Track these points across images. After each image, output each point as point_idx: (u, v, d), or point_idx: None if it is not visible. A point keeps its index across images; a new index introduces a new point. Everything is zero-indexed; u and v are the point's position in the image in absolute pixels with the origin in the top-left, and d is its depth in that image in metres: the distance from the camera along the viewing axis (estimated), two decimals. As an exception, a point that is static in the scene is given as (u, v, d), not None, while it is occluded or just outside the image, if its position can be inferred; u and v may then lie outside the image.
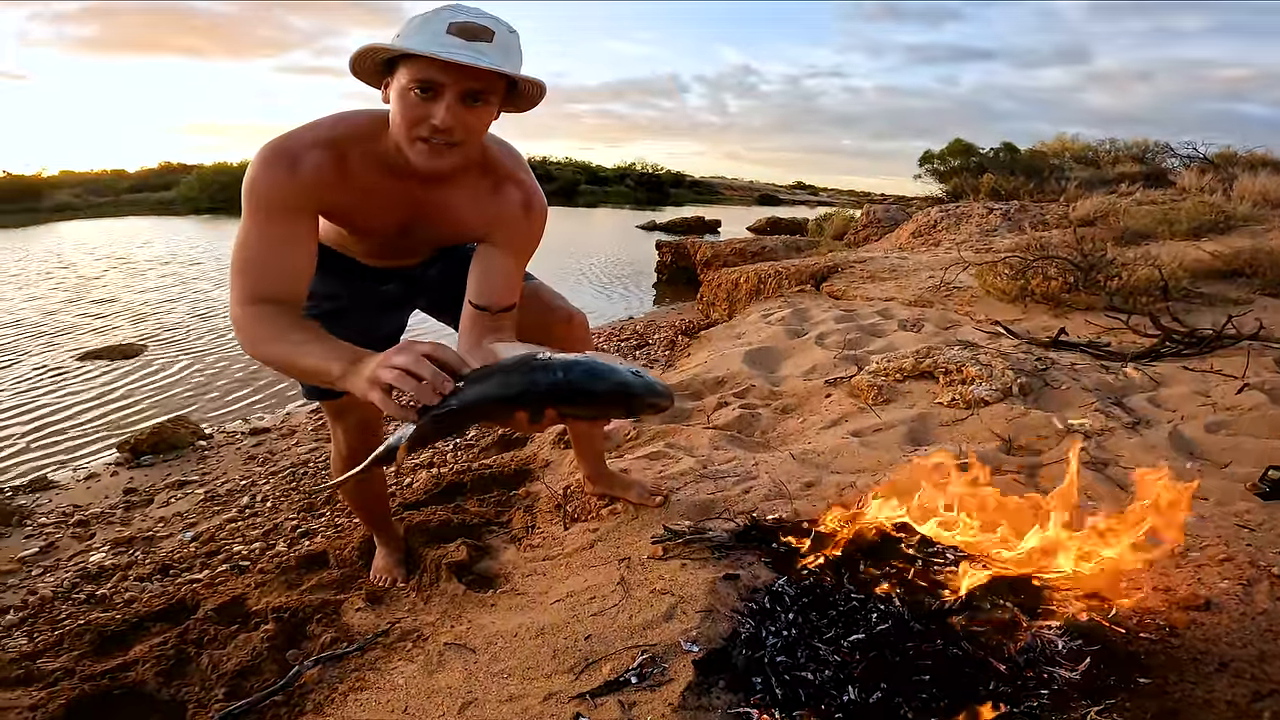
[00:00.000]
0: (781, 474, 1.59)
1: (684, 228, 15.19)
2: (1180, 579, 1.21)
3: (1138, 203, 6.33)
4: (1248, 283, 3.64)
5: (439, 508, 1.90)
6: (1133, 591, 1.16)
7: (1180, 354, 2.65)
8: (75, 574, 2.10)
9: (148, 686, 1.30)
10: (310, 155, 0.98)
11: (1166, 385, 2.26)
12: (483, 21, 0.91)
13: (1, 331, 5.37)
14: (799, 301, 3.86)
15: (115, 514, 2.58)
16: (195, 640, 1.44)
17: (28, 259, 9.67)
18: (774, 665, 0.93)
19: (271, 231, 0.97)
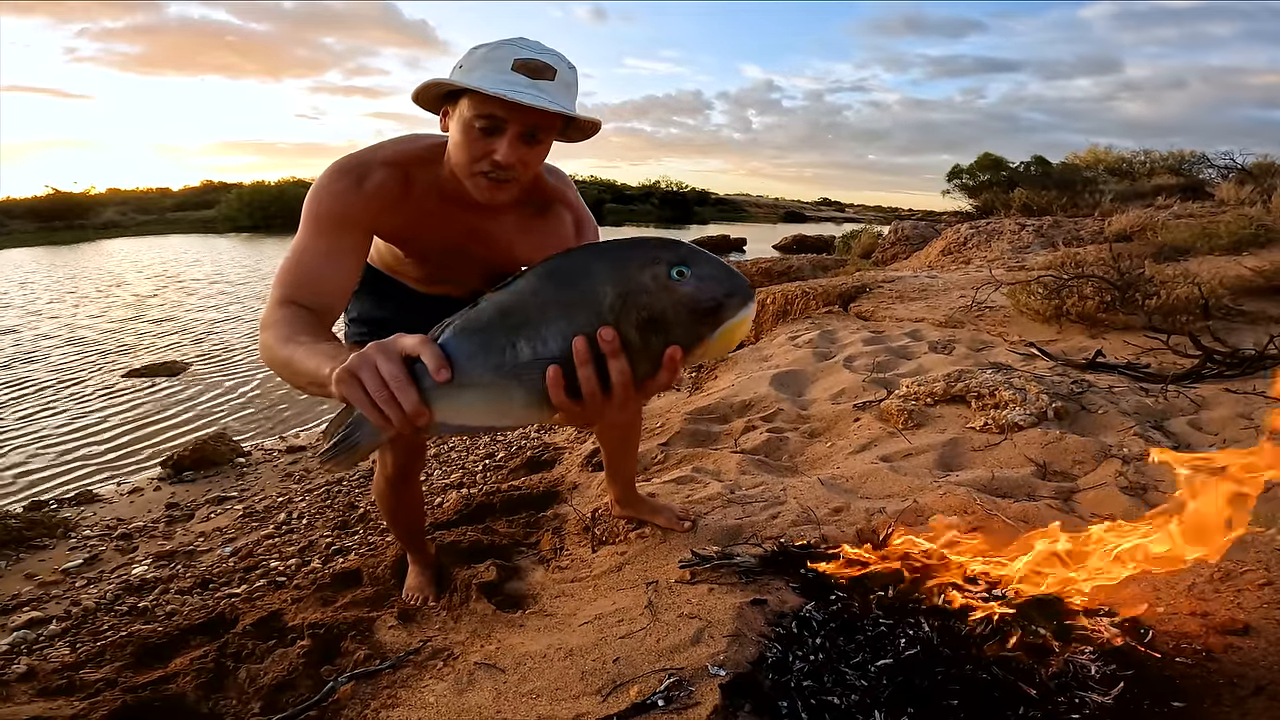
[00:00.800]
0: (810, 499, 1.59)
1: (709, 247, 15.25)
2: (1219, 604, 1.19)
3: (1175, 216, 6.18)
4: None
5: (469, 528, 1.93)
6: (1169, 616, 1.14)
7: (1222, 375, 2.57)
8: (118, 586, 2.17)
9: (188, 699, 1.33)
10: (377, 173, 1.02)
11: (1208, 408, 2.20)
12: (545, 59, 0.94)
13: (58, 349, 5.63)
14: (826, 323, 3.85)
15: (157, 528, 2.66)
16: (234, 654, 1.48)
17: (80, 276, 10.14)
18: (800, 689, 0.93)
19: (319, 243, 0.98)
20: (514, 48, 0.94)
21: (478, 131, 0.93)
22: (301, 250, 0.98)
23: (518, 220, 1.11)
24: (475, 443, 3.02)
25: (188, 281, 9.72)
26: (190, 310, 7.44)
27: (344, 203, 1.00)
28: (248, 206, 19.19)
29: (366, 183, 1.01)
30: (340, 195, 1.00)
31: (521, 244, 1.13)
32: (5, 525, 2.58)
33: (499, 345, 0.63)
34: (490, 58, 0.93)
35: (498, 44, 0.94)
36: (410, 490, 1.57)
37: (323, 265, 0.97)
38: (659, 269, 0.61)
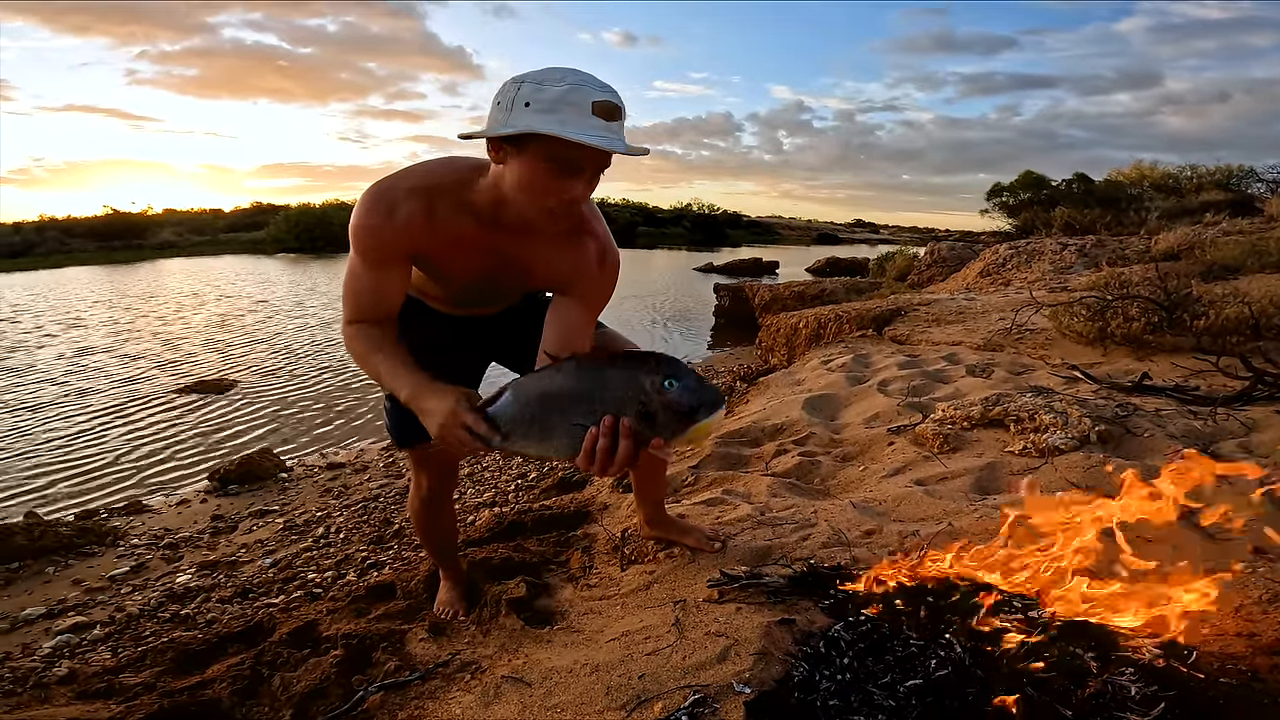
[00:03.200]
0: (841, 522, 1.57)
1: (741, 269, 15.24)
2: (1267, 624, 1.14)
3: (1224, 233, 5.96)
4: None
5: (501, 545, 1.96)
6: (1215, 637, 1.09)
7: (1273, 397, 2.46)
8: (162, 593, 2.26)
9: (223, 705, 1.37)
10: (404, 204, 1.08)
11: (1259, 430, 2.11)
12: (613, 99, 0.98)
13: (113, 365, 5.92)
14: (860, 347, 3.80)
15: (202, 539, 2.77)
16: (269, 662, 1.51)
17: (138, 295, 10.66)
18: (826, 709, 0.92)
19: (371, 274, 1.12)
20: (586, 89, 0.96)
21: (554, 171, 0.98)
22: (357, 282, 1.13)
23: (545, 246, 1.14)
24: (508, 464, 3.06)
25: (237, 301, 10.14)
26: (239, 330, 7.76)
27: (380, 239, 1.09)
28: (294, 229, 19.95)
29: (396, 215, 1.08)
30: (376, 231, 1.08)
31: (545, 269, 1.17)
32: (56, 533, 2.71)
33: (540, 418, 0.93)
34: (569, 100, 0.95)
35: (569, 87, 0.96)
36: (444, 509, 1.62)
37: (376, 294, 1.14)
38: (656, 379, 0.86)
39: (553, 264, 1.16)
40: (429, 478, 1.52)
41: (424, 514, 1.59)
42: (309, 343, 6.97)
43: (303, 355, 6.42)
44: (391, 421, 1.45)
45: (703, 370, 4.69)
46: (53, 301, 10.00)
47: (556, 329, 1.18)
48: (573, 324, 1.19)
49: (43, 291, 11.13)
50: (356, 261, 1.12)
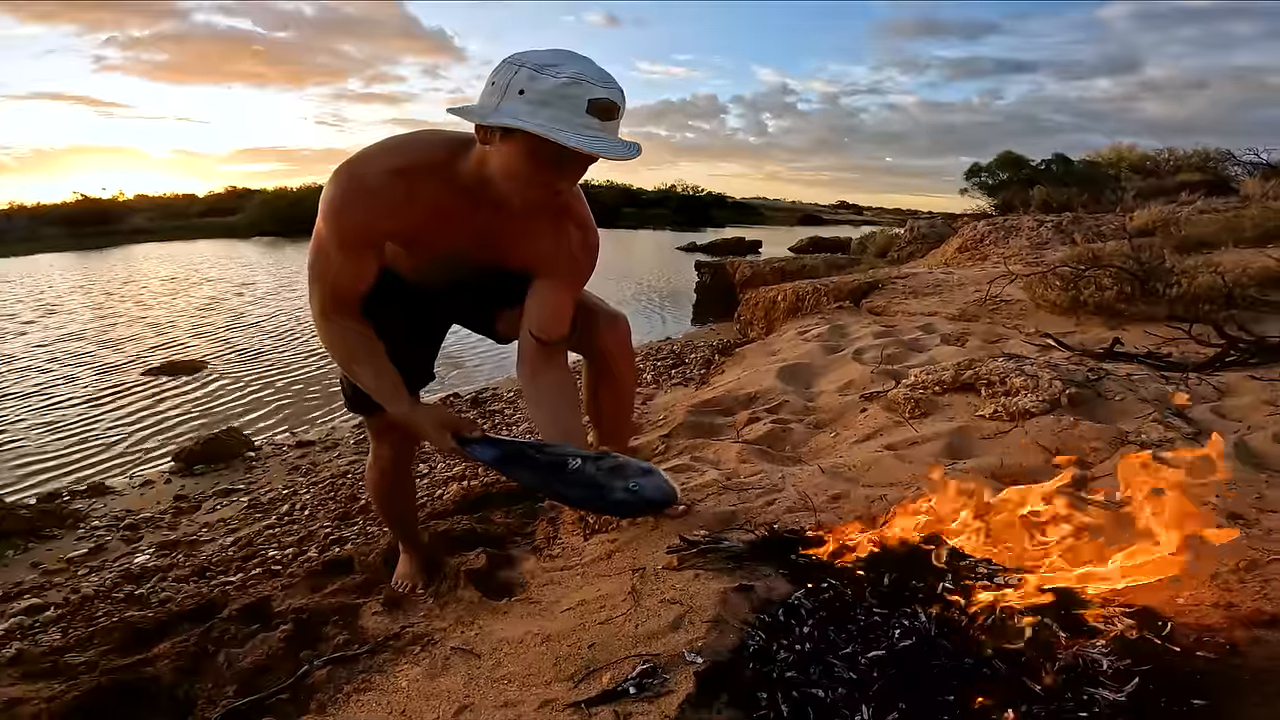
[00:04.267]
0: (809, 487, 1.51)
1: (725, 249, 15.13)
2: (1245, 594, 1.08)
3: (1199, 211, 5.96)
4: None
5: (465, 518, 1.89)
6: (1190, 607, 1.04)
7: (1246, 363, 2.44)
8: (118, 574, 2.17)
9: (163, 681, 1.31)
10: (383, 186, 1.03)
11: (1232, 395, 2.08)
12: (612, 96, 0.93)
13: (79, 348, 5.73)
14: (838, 318, 3.75)
15: (164, 519, 2.68)
16: (216, 639, 1.45)
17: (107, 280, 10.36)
18: (782, 681, 0.86)
19: (345, 258, 1.08)
20: (585, 84, 0.91)
21: (542, 164, 0.95)
22: (329, 267, 1.09)
23: (526, 227, 1.12)
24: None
25: (210, 284, 9.89)
26: (212, 312, 7.55)
27: (357, 223, 1.05)
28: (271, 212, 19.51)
29: (374, 198, 1.03)
30: (352, 215, 1.04)
31: (524, 250, 1.16)
32: (17, 516, 2.60)
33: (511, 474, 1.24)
34: (564, 95, 0.91)
35: (567, 80, 0.91)
36: (403, 481, 1.56)
37: (351, 280, 1.11)
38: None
39: (533, 246, 1.15)
40: (389, 447, 1.46)
41: (382, 485, 1.53)
42: (283, 323, 6.80)
43: (277, 335, 6.26)
44: (351, 387, 1.37)
45: (681, 345, 4.62)
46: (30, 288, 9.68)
47: (538, 310, 1.19)
48: (556, 306, 1.20)
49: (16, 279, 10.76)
50: (329, 245, 1.07)
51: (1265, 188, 6.50)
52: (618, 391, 1.44)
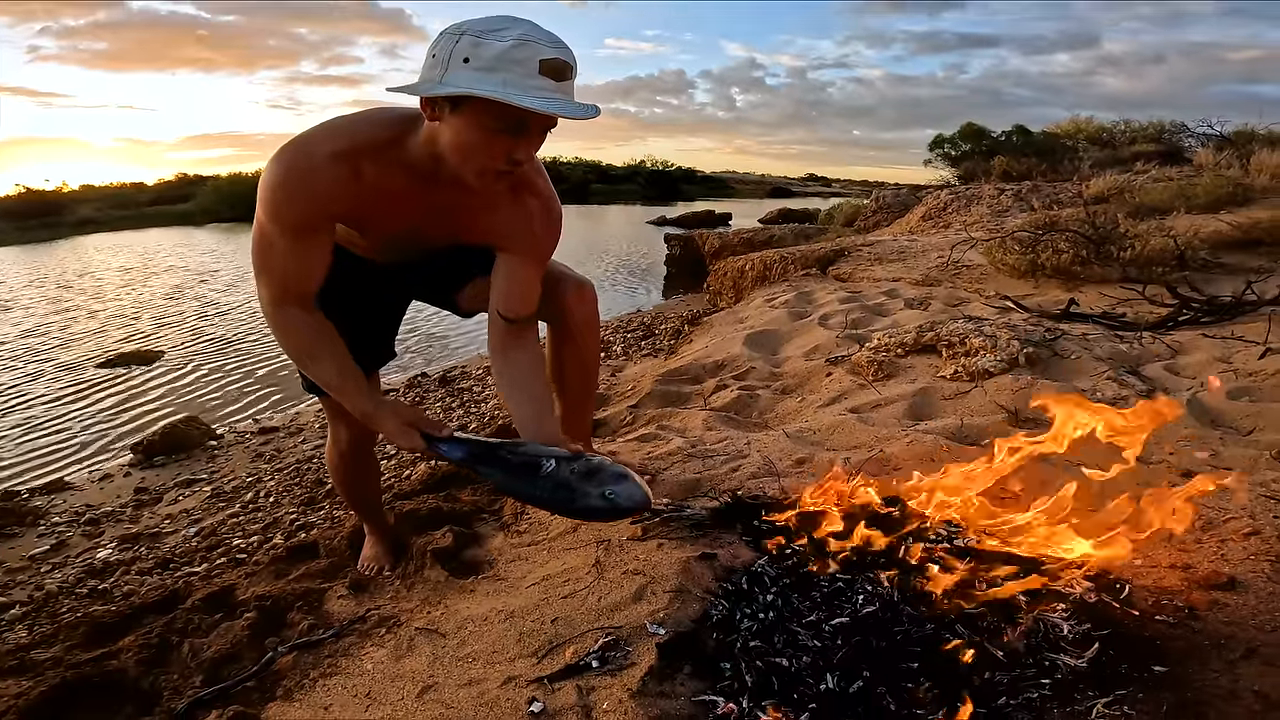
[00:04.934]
0: (773, 452, 1.50)
1: (694, 222, 15.02)
2: (1201, 556, 1.09)
3: (1153, 180, 6.07)
4: (1269, 251, 3.44)
5: (431, 497, 1.84)
6: (1148, 570, 1.05)
7: (1198, 321, 2.50)
8: (81, 570, 2.11)
9: (129, 674, 1.27)
10: (327, 170, 0.96)
11: (1185, 353, 2.12)
12: (564, 56, 0.88)
13: (31, 342, 5.47)
14: (804, 285, 3.74)
15: (125, 512, 2.60)
16: (180, 630, 1.41)
17: (55, 272, 9.88)
18: (746, 650, 0.84)
19: (293, 244, 1.00)
20: (533, 45, 0.86)
21: (495, 133, 0.90)
22: (275, 255, 1.02)
23: (484, 204, 1.07)
24: (449, 415, 2.92)
25: (164, 273, 9.51)
26: (166, 300, 7.27)
27: (301, 207, 0.99)
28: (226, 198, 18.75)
29: (317, 184, 0.97)
30: (294, 200, 0.98)
31: (484, 227, 1.11)
32: (-25, 516, 2.49)
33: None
34: (513, 58, 0.85)
35: (513, 43, 0.86)
36: (364, 462, 1.50)
37: (302, 266, 1.03)
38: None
39: (493, 222, 1.10)
40: (347, 428, 1.40)
41: (343, 467, 1.47)
42: (242, 309, 6.57)
43: (237, 321, 6.05)
44: None
45: (652, 318, 4.58)
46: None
47: (504, 288, 1.15)
48: (520, 281, 1.15)
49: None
50: (271, 232, 1.00)
51: (1218, 157, 6.63)
52: (582, 360, 1.40)
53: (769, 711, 0.78)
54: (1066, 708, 0.80)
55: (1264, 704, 0.79)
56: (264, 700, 1.13)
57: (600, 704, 0.81)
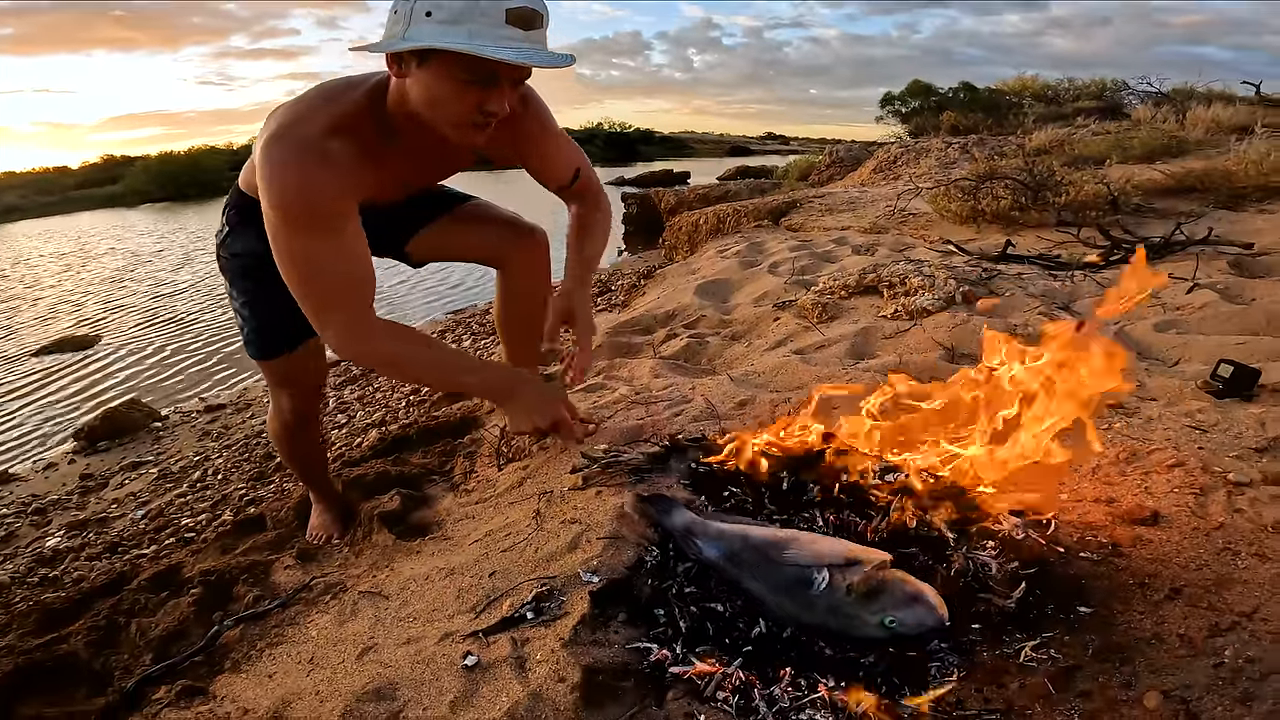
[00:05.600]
0: (716, 395, 1.48)
1: (652, 181, 14.76)
2: (1125, 488, 1.09)
3: (1092, 134, 6.17)
4: (1200, 197, 3.54)
5: (380, 462, 1.79)
6: (1073, 503, 1.05)
7: (1128, 261, 2.56)
8: (31, 559, 2.05)
9: (80, 657, 1.25)
10: (334, 146, 0.90)
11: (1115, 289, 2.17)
12: (532, 4, 0.85)
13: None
14: (756, 236, 3.71)
15: (72, 499, 2.51)
16: (127, 610, 1.38)
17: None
18: (681, 596, 0.83)
19: (336, 243, 0.92)
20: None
21: (468, 86, 0.87)
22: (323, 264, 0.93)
23: None
24: (401, 383, 2.84)
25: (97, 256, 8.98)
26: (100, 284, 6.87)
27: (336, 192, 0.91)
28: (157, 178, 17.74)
29: (332, 161, 0.90)
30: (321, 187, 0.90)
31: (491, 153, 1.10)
32: (-80, 513, 2.36)
33: None
34: (477, 8, 0.82)
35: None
36: (307, 431, 1.45)
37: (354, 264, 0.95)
38: None
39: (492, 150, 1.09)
40: (289, 397, 1.35)
41: (285, 436, 1.43)
42: (198, 287, 6.25)
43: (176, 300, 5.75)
44: (251, 329, 1.25)
45: (608, 275, 4.51)
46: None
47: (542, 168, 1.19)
48: (549, 156, 1.18)
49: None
50: (308, 241, 0.90)
51: (1155, 112, 6.77)
52: (532, 304, 1.38)
53: (703, 658, 0.77)
54: (996, 650, 0.80)
55: (1188, 649, 0.78)
56: (212, 674, 1.10)
57: (534, 655, 0.79)
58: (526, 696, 0.75)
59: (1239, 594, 0.85)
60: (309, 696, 0.90)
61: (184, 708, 0.98)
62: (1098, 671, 0.77)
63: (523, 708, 0.74)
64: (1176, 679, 0.75)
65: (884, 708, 0.73)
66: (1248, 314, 1.84)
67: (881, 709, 0.72)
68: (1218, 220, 3.00)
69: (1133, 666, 0.77)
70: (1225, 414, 1.30)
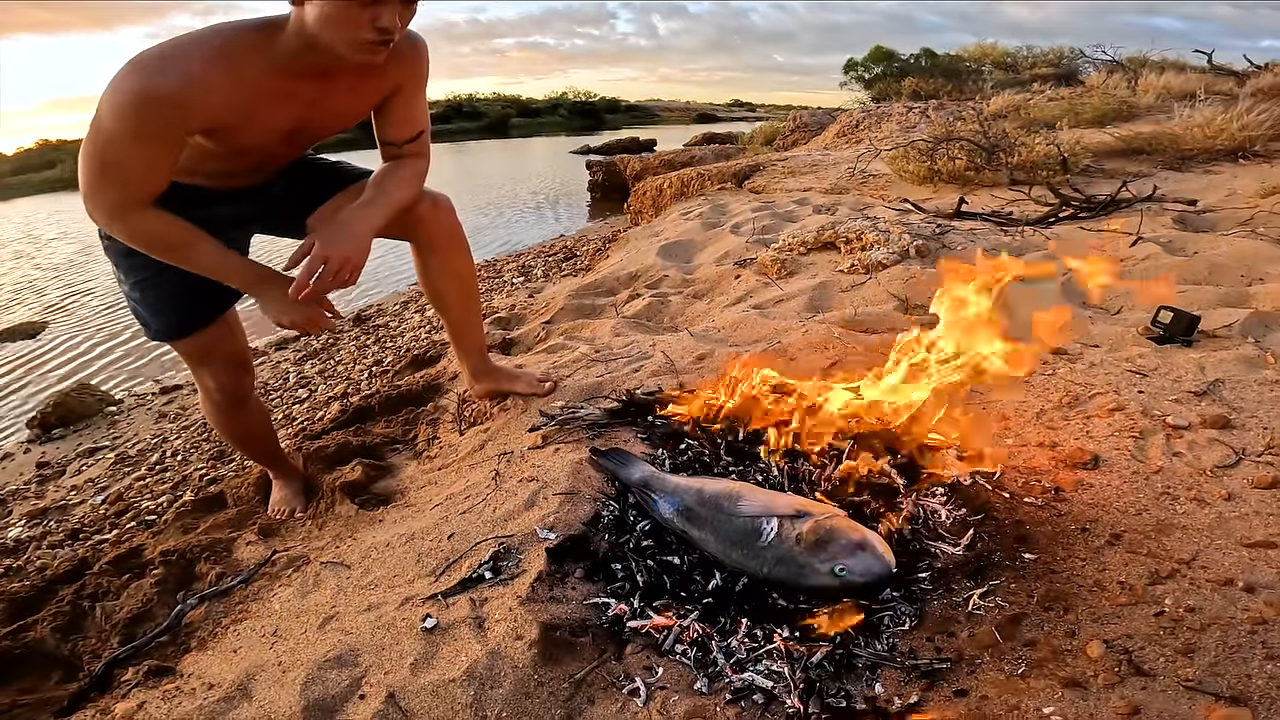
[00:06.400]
0: (676, 351, 1.46)
1: (619, 149, 14.47)
2: (1067, 433, 1.10)
3: (1047, 99, 6.22)
4: (1148, 159, 3.60)
5: (341, 433, 1.74)
6: (1018, 449, 1.05)
7: (1076, 217, 2.61)
8: (-7, 551, 1.96)
9: (47, 644, 1.22)
10: (201, 78, 0.90)
11: (1062, 244, 2.20)
12: None
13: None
14: (720, 199, 3.67)
15: (29, 489, 2.41)
16: (91, 595, 1.35)
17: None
18: (639, 550, 0.82)
19: (147, 149, 0.93)
20: None
21: (358, 3, 0.88)
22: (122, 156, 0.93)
23: (359, 70, 1.03)
24: (363, 354, 2.76)
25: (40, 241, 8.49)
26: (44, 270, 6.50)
27: (172, 118, 0.91)
28: None
29: (192, 84, 0.90)
30: (165, 101, 0.89)
31: (371, 88, 1.09)
32: None
33: None
34: None
35: None
36: (246, 409, 1.38)
37: (150, 172, 0.96)
38: None
39: (373, 83, 1.09)
40: (212, 376, 1.28)
41: (221, 418, 1.37)
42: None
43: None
44: (153, 312, 1.19)
45: (574, 241, 4.44)
46: None
47: (397, 116, 1.16)
48: (409, 107, 1.16)
49: None
50: (122, 140, 0.92)
51: (1108, 79, 6.84)
52: (453, 270, 1.32)
53: (661, 612, 0.77)
54: (945, 598, 0.80)
55: (1129, 597, 0.78)
56: (179, 652, 1.09)
57: (492, 614, 0.78)
58: (485, 655, 0.74)
59: (1178, 540, 0.85)
60: (272, 668, 0.89)
61: (152, 687, 0.96)
62: (1042, 620, 0.76)
63: (481, 666, 0.73)
64: (1118, 628, 0.74)
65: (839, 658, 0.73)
66: (1190, 265, 1.89)
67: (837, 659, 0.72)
68: (1164, 180, 3.07)
69: (1076, 615, 0.77)
70: (1165, 359, 1.32)
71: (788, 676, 0.72)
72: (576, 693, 0.71)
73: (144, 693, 0.94)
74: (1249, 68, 6.30)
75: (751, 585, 0.81)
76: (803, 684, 0.71)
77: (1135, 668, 0.69)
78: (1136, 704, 0.65)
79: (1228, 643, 0.71)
